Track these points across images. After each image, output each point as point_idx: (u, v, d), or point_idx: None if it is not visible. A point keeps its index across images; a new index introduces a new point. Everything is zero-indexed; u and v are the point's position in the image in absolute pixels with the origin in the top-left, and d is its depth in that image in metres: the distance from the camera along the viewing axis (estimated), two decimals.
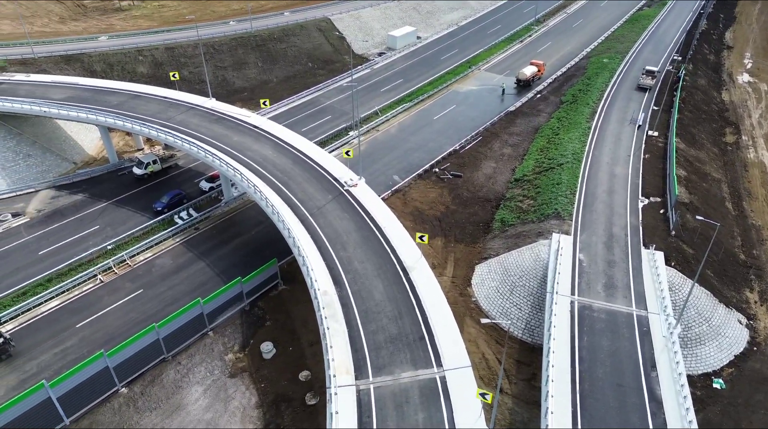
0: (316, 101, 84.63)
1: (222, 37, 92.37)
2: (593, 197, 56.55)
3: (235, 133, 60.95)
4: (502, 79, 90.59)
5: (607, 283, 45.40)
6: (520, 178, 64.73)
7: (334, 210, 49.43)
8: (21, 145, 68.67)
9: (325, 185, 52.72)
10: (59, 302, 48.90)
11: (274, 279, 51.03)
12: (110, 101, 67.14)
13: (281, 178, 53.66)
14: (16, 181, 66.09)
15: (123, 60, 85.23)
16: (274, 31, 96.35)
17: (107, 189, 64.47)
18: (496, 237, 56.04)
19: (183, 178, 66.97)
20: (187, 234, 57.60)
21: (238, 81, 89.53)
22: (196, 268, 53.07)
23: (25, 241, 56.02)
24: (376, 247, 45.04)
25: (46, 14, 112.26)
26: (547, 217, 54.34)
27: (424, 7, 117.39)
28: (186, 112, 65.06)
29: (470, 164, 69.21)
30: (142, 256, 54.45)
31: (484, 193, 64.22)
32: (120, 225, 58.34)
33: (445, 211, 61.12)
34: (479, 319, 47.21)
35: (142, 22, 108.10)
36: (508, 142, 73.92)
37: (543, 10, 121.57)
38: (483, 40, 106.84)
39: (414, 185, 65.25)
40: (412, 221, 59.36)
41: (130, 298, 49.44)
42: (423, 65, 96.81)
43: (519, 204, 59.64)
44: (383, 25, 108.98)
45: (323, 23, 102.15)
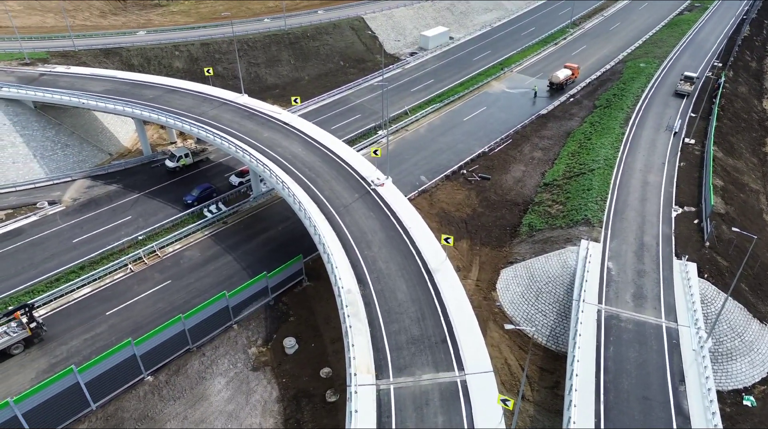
0: (346, 100, 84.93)
1: (256, 34, 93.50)
2: (624, 205, 55.37)
3: (266, 129, 61.60)
4: (534, 82, 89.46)
5: (636, 293, 44.39)
6: (550, 183, 63.81)
7: (360, 208, 49.52)
8: (60, 135, 70.68)
9: (352, 184, 52.86)
10: (90, 290, 50.23)
11: (298, 275, 51.40)
12: (146, 95, 68.60)
13: (309, 175, 54.02)
14: (54, 169, 68.06)
15: (160, 55, 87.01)
16: (307, 29, 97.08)
17: (140, 180, 65.91)
18: (523, 241, 55.37)
19: (213, 172, 68.00)
20: (216, 227, 58.48)
21: (270, 78, 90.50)
22: (223, 262, 53.83)
23: (60, 228, 57.67)
24: (401, 247, 44.96)
25: (87, 8, 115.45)
26: (577, 223, 53.43)
27: (458, 8, 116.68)
28: (219, 107, 66.03)
29: (499, 167, 68.55)
30: (171, 248, 55.51)
31: (512, 196, 63.51)
32: (151, 216, 59.58)
33: (471, 214, 60.67)
34: (503, 324, 46.72)
35: (179, 18, 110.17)
36: (539, 146, 72.96)
37: (579, 13, 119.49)
38: (516, 42, 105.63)
39: (441, 186, 64.92)
40: (438, 222, 59.09)
41: (159, 289, 50.45)
42: (455, 66, 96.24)
43: (548, 209, 58.80)
44: (416, 24, 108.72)
45: (356, 22, 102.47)
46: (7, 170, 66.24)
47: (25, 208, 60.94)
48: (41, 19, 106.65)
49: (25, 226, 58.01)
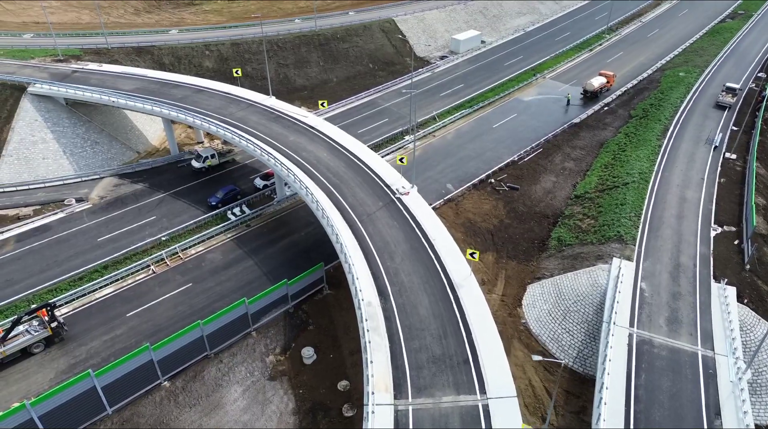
0: (375, 103, 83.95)
1: (286, 34, 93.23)
2: (660, 222, 53.05)
3: (292, 132, 60.99)
4: (567, 89, 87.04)
5: (670, 317, 42.27)
6: (581, 196, 61.71)
7: (383, 217, 48.42)
8: (89, 132, 71.39)
9: (376, 191, 51.80)
10: (113, 290, 50.27)
11: (319, 283, 50.58)
12: (175, 94, 68.73)
13: (333, 181, 53.15)
14: (83, 167, 68.74)
15: (190, 54, 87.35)
16: (337, 31, 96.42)
17: (166, 180, 66.03)
18: (552, 256, 53.54)
19: (239, 173, 67.76)
20: (239, 230, 58.09)
21: (299, 79, 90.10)
22: (244, 266, 53.35)
23: (87, 226, 58.03)
24: (425, 259, 43.69)
25: (122, 6, 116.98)
26: (608, 239, 51.37)
27: (490, 11, 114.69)
28: (246, 109, 65.72)
29: (528, 177, 66.66)
30: (194, 250, 55.29)
31: (542, 208, 61.61)
32: (175, 217, 59.52)
33: (498, 225, 59.01)
34: (528, 343, 45.18)
35: (212, 17, 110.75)
36: (571, 156, 70.77)
37: (616, 18, 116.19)
38: (550, 48, 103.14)
39: (468, 195, 63.38)
40: (464, 233, 57.62)
41: (180, 292, 50.20)
42: (485, 71, 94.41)
43: (578, 223, 56.78)
44: (447, 27, 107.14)
45: (387, 24, 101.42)
46: (37, 166, 67.19)
47: (52, 204, 61.54)
48: (77, 15, 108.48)
49: (52, 222, 58.54)
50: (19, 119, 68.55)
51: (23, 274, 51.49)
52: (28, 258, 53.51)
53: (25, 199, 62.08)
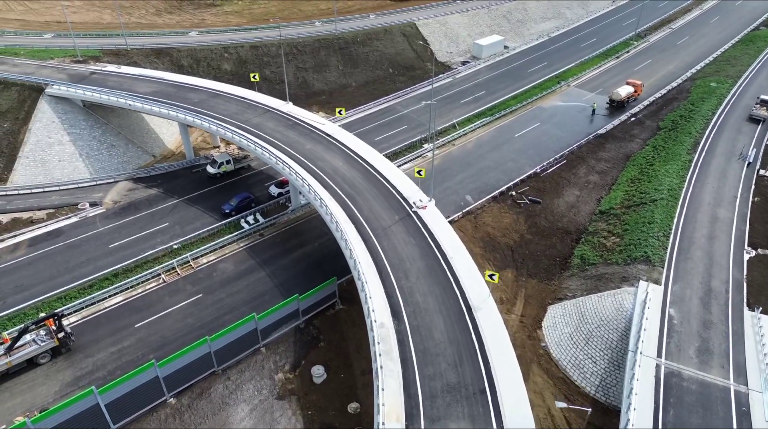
0: (393, 109, 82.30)
1: (306, 37, 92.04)
2: (690, 242, 50.51)
3: (308, 140, 59.62)
4: (593, 98, 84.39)
5: (701, 347, 39.91)
6: (606, 211, 59.32)
7: (399, 232, 46.73)
8: (106, 135, 70.94)
9: (392, 204, 50.14)
10: (122, 299, 49.38)
11: (332, 298, 49.09)
12: (191, 98, 67.88)
13: (349, 192, 51.63)
14: (98, 170, 68.26)
15: (209, 56, 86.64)
16: (358, 34, 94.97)
17: (180, 185, 65.18)
18: (574, 276, 51.35)
19: (254, 180, 66.64)
20: (252, 240, 56.91)
21: (317, 83, 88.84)
22: (256, 277, 52.11)
23: (99, 232, 57.34)
24: (441, 279, 41.91)
25: (144, 6, 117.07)
26: (635, 260, 49.03)
27: (514, 16, 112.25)
28: (263, 114, 64.56)
29: (551, 190, 64.39)
30: (206, 259, 54.23)
31: (564, 223, 59.36)
32: (188, 224, 58.56)
33: (519, 240, 56.93)
34: (548, 368, 43.20)
35: (232, 19, 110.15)
36: (596, 169, 68.28)
37: (645, 24, 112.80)
38: (575, 54, 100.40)
39: (487, 208, 61.40)
40: (482, 248, 55.69)
41: (190, 302, 49.12)
42: (508, 77, 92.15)
43: (603, 240, 54.47)
44: (470, 32, 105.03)
45: (408, 28, 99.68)
46: (52, 168, 66.87)
47: (66, 208, 61.06)
48: (98, 15, 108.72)
49: (65, 227, 58.02)
50: (36, 121, 68.34)
51: (33, 280, 50.91)
52: (39, 263, 52.95)
53: (39, 202, 61.67)
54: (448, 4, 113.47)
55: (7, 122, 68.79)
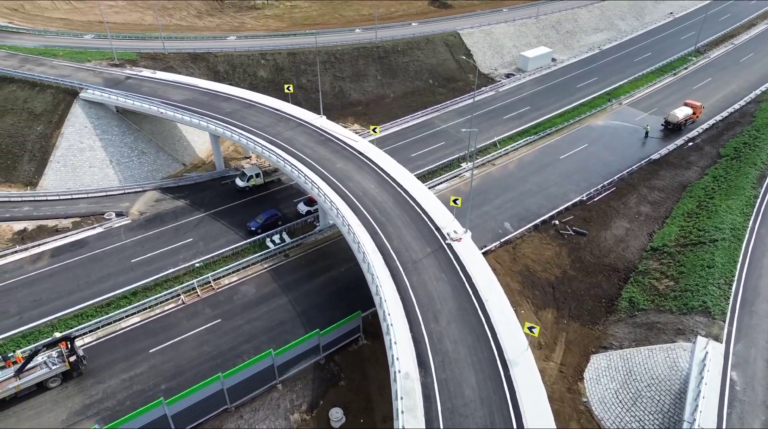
0: (431, 123, 78.74)
1: (345, 45, 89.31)
2: (755, 293, 45.33)
3: (340, 158, 56.72)
4: (646, 119, 78.83)
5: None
6: (659, 248, 54.38)
7: (431, 267, 43.26)
8: (137, 141, 69.78)
9: (425, 234, 46.67)
10: (139, 320, 47.50)
11: (355, 332, 46.01)
12: (224, 108, 65.95)
13: (379, 218, 48.45)
14: (128, 177, 67.08)
15: (246, 62, 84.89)
16: (398, 43, 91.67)
17: (208, 198, 63.30)
18: (622, 321, 46.83)
19: (283, 195, 64.22)
20: (276, 260, 54.38)
21: (354, 93, 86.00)
22: (278, 303, 49.47)
23: (122, 244, 55.83)
24: (474, 324, 38.26)
25: (186, 7, 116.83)
26: (692, 310, 44.22)
27: (564, 27, 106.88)
28: (295, 128, 62.01)
29: (598, 220, 59.70)
30: (227, 280, 51.95)
31: (612, 259, 54.69)
32: (212, 240, 56.48)
33: (561, 277, 52.62)
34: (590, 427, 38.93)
35: (272, 23, 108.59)
36: (648, 199, 63.14)
37: (705, 39, 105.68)
38: (628, 69, 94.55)
39: (527, 238, 57.22)
40: (520, 283, 51.65)
41: (207, 328, 46.84)
42: (555, 92, 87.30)
43: (654, 282, 49.68)
44: (516, 43, 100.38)
45: (451, 37, 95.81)
46: (83, 174, 66.01)
47: (92, 217, 59.87)
48: (140, 16, 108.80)
49: (89, 237, 56.75)
50: (69, 125, 67.67)
51: (52, 294, 49.59)
52: (59, 276, 51.68)
53: (66, 210, 60.69)
54: (494, 12, 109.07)
55: (41, 125, 68.39)
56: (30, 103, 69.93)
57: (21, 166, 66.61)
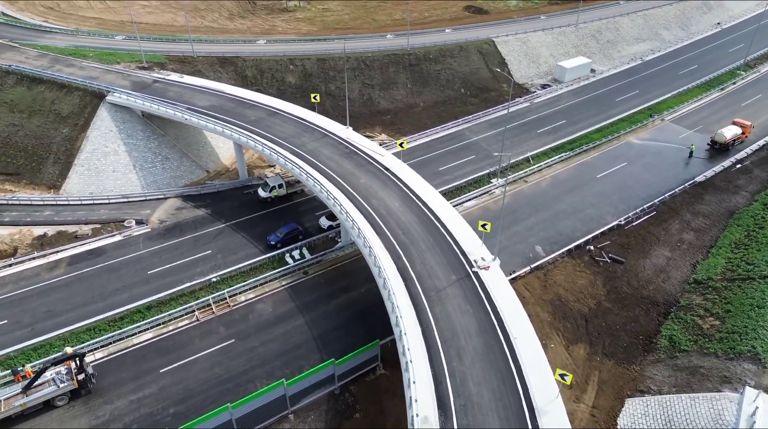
0: (462, 135, 75.89)
1: (375, 52, 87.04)
2: None
3: (364, 173, 54.45)
4: (691, 137, 74.43)
5: None
6: (703, 282, 50.53)
7: (455, 297, 40.58)
8: (161, 147, 68.86)
9: (450, 259, 43.99)
10: (152, 336, 46.12)
11: (373, 361, 43.61)
12: (248, 116, 64.41)
13: (402, 240, 45.97)
14: (150, 183, 66.19)
15: (274, 67, 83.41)
16: (430, 50, 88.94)
17: (229, 207, 61.85)
18: (661, 362, 43.33)
19: (305, 207, 62.33)
20: (295, 277, 52.46)
21: (383, 102, 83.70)
22: (294, 324, 47.49)
23: (140, 255, 54.72)
24: (501, 365, 35.46)
25: (218, 9, 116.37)
26: (739, 355, 40.51)
27: (604, 36, 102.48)
28: (320, 139, 60.01)
29: (636, 247, 56.04)
30: (244, 297, 50.23)
31: (651, 291, 51.06)
32: (231, 253, 54.91)
33: (595, 308, 49.29)
34: None
35: (303, 26, 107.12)
36: (691, 225, 59.10)
37: (755, 52, 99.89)
38: (672, 83, 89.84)
39: (560, 264, 53.97)
40: (551, 314, 48.53)
41: (221, 348, 45.15)
42: (593, 105, 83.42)
43: (698, 320, 45.99)
44: (553, 52, 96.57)
45: (485, 45, 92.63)
46: (105, 179, 65.36)
47: (112, 224, 58.96)
48: (172, 16, 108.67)
49: (108, 245, 55.86)
50: (95, 128, 67.14)
51: (67, 305, 48.65)
52: (75, 286, 50.77)
53: (87, 216, 60.02)
54: (531, 20, 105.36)
55: (67, 127, 68.07)
56: (57, 104, 69.74)
57: (45, 168, 66.40)
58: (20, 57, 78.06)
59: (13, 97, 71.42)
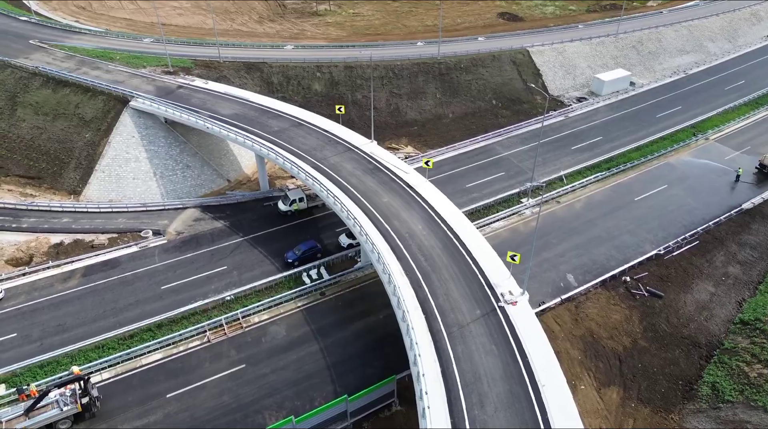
0: (491, 150, 72.75)
1: (404, 60, 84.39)
2: None
3: (387, 191, 51.96)
4: (738, 159, 69.79)
5: None
6: (751, 322, 46.58)
7: (479, 335, 37.76)
8: (183, 154, 67.62)
9: (474, 291, 41.18)
10: (161, 357, 44.52)
11: (388, 397, 41.15)
12: (271, 126, 62.56)
13: (424, 267, 43.35)
14: (170, 192, 64.98)
15: (301, 74, 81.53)
16: (461, 60, 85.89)
17: (248, 220, 60.11)
18: (702, 413, 39.76)
19: (325, 223, 60.11)
20: (311, 299, 50.32)
21: (410, 112, 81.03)
22: (308, 351, 45.28)
23: (155, 268, 53.35)
24: (527, 417, 32.54)
25: (248, 11, 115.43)
26: None
27: (646, 47, 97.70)
28: (342, 153, 57.75)
29: (677, 280, 52.23)
30: (258, 318, 48.27)
31: (692, 330, 47.32)
32: (247, 270, 53.10)
33: (630, 347, 45.83)
34: None
35: (332, 31, 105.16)
36: (737, 257, 54.95)
37: None
38: (717, 99, 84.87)
39: (593, 296, 50.57)
40: (582, 352, 45.27)
41: (230, 374, 43.27)
42: (632, 121, 79.25)
43: (744, 367, 42.19)
44: (590, 64, 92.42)
45: (519, 55, 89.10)
46: (125, 186, 64.38)
47: (130, 234, 57.76)
48: (203, 19, 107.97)
49: (123, 257, 54.62)
50: (117, 134, 66.25)
51: (77, 319, 47.46)
52: (87, 299, 49.59)
53: (104, 224, 58.96)
54: (568, 29, 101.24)
55: (90, 132, 67.34)
56: (81, 108, 69.12)
57: (67, 173, 65.75)
58: (48, 58, 78.02)
59: (39, 99, 71.17)
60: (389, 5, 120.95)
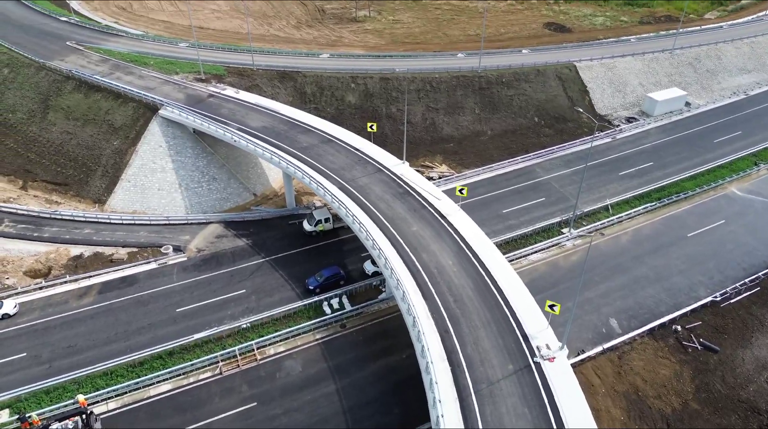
0: (532, 172, 68.40)
1: (443, 73, 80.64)
2: None
3: (417, 219, 48.51)
4: None
5: None
6: None
7: (510, 395, 34.00)
8: (210, 166, 65.71)
9: (507, 342, 37.42)
10: (170, 388, 42.35)
11: None
12: (300, 141, 59.91)
13: (453, 310, 39.82)
14: (194, 204, 63.13)
15: (335, 85, 78.75)
16: (503, 74, 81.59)
17: (271, 239, 57.72)
18: None
19: (350, 246, 57.02)
20: (331, 331, 47.41)
21: (447, 127, 77.23)
22: (323, 391, 42.31)
23: (172, 288, 51.43)
24: None
25: (286, 16, 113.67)
26: None
27: (704, 65, 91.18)
28: (372, 174, 54.60)
29: (734, 332, 47.09)
30: (273, 350, 45.60)
31: (751, 393, 42.25)
32: (266, 295, 50.57)
33: (680, 409, 41.13)
34: None
35: (371, 38, 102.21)
36: None
37: None
38: None
39: (639, 346, 45.92)
40: (625, 411, 40.87)
41: (240, 412, 40.75)
42: (686, 146, 73.56)
43: None
44: (642, 81, 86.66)
45: (566, 70, 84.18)
46: (150, 197, 62.86)
47: (150, 249, 56.00)
48: (240, 23, 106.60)
49: (141, 274, 52.96)
50: (145, 142, 64.84)
51: (89, 341, 45.79)
52: (101, 319, 47.94)
53: (126, 237, 57.44)
54: (619, 43, 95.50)
55: (118, 140, 66.19)
56: (111, 114, 68.06)
57: (93, 181, 64.74)
58: (83, 61, 77.52)
59: (70, 104, 70.58)
60: (431, 13, 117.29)
